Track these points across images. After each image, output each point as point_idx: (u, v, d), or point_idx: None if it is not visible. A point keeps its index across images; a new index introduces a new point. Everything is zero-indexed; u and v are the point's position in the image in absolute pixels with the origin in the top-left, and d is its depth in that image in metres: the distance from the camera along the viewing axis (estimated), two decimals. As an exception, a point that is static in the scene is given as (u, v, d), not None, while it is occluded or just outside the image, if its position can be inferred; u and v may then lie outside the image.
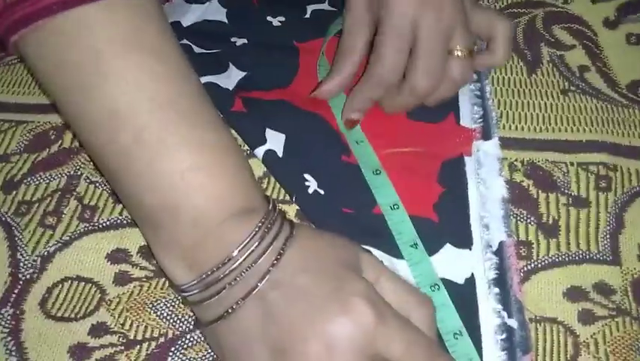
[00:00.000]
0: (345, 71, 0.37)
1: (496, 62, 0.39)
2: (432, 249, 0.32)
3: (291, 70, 0.40)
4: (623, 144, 0.37)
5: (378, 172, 0.35)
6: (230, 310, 0.26)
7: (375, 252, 0.32)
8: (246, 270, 0.26)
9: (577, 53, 0.42)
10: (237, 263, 0.26)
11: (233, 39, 0.42)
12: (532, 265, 0.32)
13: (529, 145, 0.37)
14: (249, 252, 0.26)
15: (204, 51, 0.41)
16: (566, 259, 0.32)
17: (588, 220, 0.34)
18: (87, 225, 0.34)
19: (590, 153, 0.36)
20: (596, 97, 0.39)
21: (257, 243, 0.26)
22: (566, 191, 0.35)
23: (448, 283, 0.31)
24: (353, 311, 0.24)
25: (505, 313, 0.30)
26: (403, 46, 0.35)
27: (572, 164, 0.36)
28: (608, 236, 0.33)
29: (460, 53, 0.35)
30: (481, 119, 0.38)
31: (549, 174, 0.36)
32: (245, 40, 0.42)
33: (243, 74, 0.40)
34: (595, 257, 0.32)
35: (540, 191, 0.35)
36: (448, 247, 0.32)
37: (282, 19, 0.43)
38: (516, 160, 0.36)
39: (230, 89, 0.39)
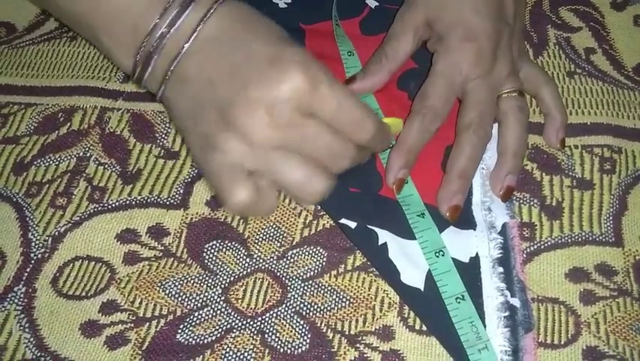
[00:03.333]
0: (380, 74, 0.37)
1: (557, 126, 0.36)
2: (438, 229, 0.32)
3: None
4: (627, 127, 0.37)
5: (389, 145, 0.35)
6: (173, 69, 0.28)
7: (381, 231, 0.32)
8: (171, 33, 0.27)
9: (583, 35, 0.41)
10: (163, 29, 0.27)
11: (239, 21, 0.42)
12: (535, 247, 0.33)
13: (533, 129, 0.37)
14: (171, 17, 0.27)
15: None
16: (569, 240, 0.33)
17: (592, 202, 0.34)
18: (97, 205, 0.35)
19: (595, 136, 0.36)
20: (601, 79, 0.39)
21: (178, 8, 0.27)
22: (570, 173, 0.35)
23: (454, 262, 0.31)
24: (289, 79, 0.26)
25: (508, 293, 0.30)
26: (450, 91, 0.35)
27: (576, 147, 0.36)
28: (611, 218, 0.33)
29: (511, 94, 0.35)
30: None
31: (553, 157, 0.36)
32: (251, 23, 0.42)
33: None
34: (597, 239, 0.33)
35: (544, 174, 0.35)
36: (452, 228, 0.33)
37: (288, 0, 0.43)
38: (520, 143, 0.36)
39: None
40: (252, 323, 0.30)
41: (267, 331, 0.30)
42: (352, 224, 0.32)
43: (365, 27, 0.42)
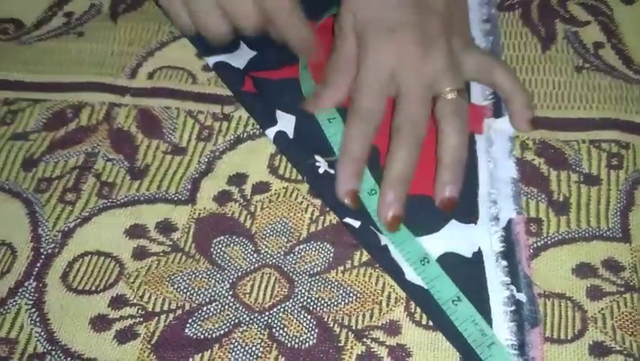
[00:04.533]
0: (344, 85, 0.35)
1: (520, 107, 0.35)
2: (438, 224, 0.32)
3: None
4: (636, 122, 0.37)
5: None
6: None
7: (382, 235, 0.32)
8: None
9: (592, 29, 0.41)
10: None
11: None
12: (542, 242, 0.33)
13: (541, 123, 0.37)
14: None
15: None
16: (576, 236, 0.33)
17: (599, 198, 0.34)
18: (106, 201, 0.35)
19: (603, 131, 0.36)
20: (610, 74, 0.39)
21: None
22: (578, 168, 0.35)
23: (456, 257, 0.31)
24: None
25: (513, 287, 0.31)
26: (376, 85, 0.34)
27: (583, 141, 0.36)
28: (618, 213, 0.33)
29: (447, 95, 0.34)
30: (492, 96, 0.38)
31: (560, 152, 0.36)
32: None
33: (254, 53, 0.40)
34: (605, 234, 0.33)
35: (551, 169, 0.35)
36: (453, 222, 0.33)
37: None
38: (527, 139, 0.36)
39: (241, 68, 0.39)
40: (259, 317, 0.31)
41: (275, 325, 0.30)
42: (356, 223, 0.33)
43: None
